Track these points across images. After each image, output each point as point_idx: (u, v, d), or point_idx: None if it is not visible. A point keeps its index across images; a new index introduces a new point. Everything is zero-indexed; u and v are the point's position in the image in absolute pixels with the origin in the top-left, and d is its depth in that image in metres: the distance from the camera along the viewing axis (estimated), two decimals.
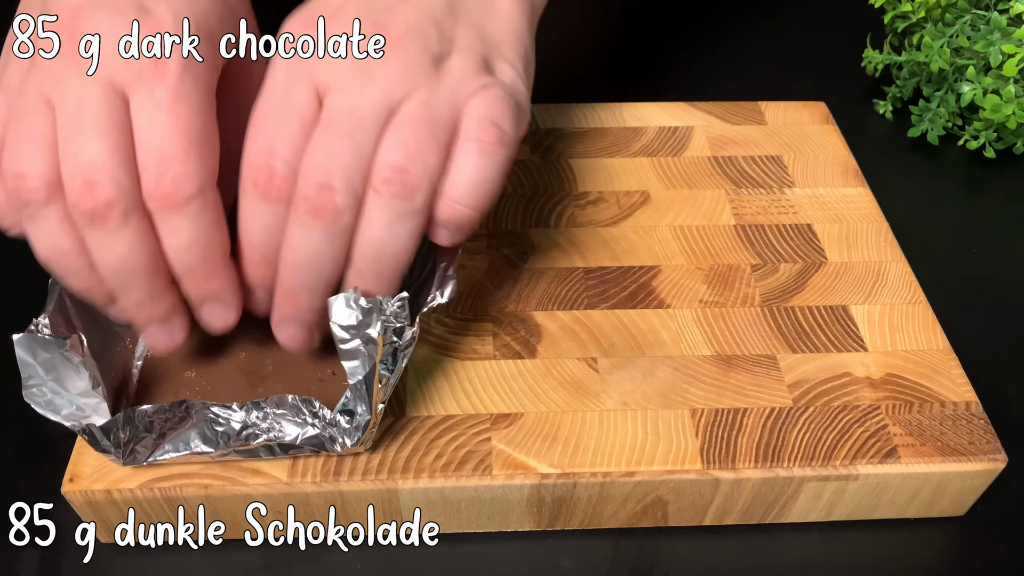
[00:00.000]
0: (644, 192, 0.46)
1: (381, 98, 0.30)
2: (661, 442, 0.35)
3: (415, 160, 0.30)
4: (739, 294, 0.41)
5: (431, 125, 0.30)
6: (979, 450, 0.35)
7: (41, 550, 0.35)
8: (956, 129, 0.54)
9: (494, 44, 0.34)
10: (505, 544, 0.36)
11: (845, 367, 0.38)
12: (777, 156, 0.48)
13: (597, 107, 0.50)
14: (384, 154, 0.30)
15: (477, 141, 0.31)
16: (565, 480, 0.33)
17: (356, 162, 0.30)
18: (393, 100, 0.30)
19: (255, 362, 0.36)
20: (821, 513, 0.36)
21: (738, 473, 0.34)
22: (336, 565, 0.35)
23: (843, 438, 0.35)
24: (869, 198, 0.46)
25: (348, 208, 0.30)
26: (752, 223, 0.44)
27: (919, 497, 0.36)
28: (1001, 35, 0.48)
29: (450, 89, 0.31)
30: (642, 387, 0.37)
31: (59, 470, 0.33)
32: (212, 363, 0.36)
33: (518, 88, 0.33)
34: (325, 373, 0.36)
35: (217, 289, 0.32)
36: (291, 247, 0.31)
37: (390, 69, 0.30)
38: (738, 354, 0.38)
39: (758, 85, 0.57)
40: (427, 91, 0.31)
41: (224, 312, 0.33)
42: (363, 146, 0.30)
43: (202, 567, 0.35)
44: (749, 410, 0.36)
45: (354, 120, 0.30)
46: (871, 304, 0.40)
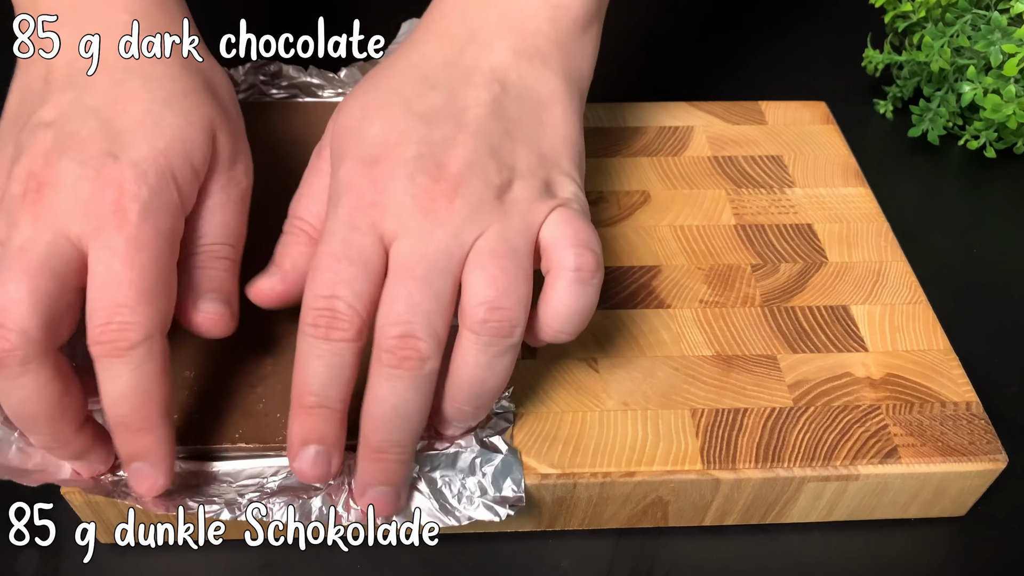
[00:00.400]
0: (644, 192, 0.45)
1: (452, 241, 0.30)
2: (661, 442, 0.35)
3: (507, 294, 0.30)
4: (739, 294, 0.41)
5: (513, 256, 0.30)
6: (979, 450, 0.35)
7: (41, 550, 0.35)
8: (956, 129, 0.54)
9: (551, 160, 0.34)
10: (505, 544, 0.36)
11: (845, 367, 0.38)
12: (777, 156, 0.48)
13: (597, 107, 0.50)
14: (474, 294, 0.30)
15: (576, 271, 0.31)
16: (565, 480, 0.33)
17: (436, 307, 0.29)
18: (464, 242, 0.30)
19: (254, 363, 0.36)
20: (821, 513, 0.36)
21: (738, 473, 0.34)
22: (336, 565, 0.35)
23: (843, 438, 0.35)
24: (869, 198, 0.46)
25: (433, 354, 0.29)
26: (752, 223, 0.44)
27: (919, 497, 0.36)
28: (1002, 35, 0.48)
29: (520, 219, 0.31)
30: (642, 387, 0.37)
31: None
32: (210, 364, 0.36)
33: (580, 199, 0.34)
34: None
35: (147, 447, 0.30)
36: (376, 400, 0.30)
37: (456, 211, 0.30)
38: (738, 354, 0.38)
39: (758, 85, 0.57)
40: (499, 225, 0.31)
41: (151, 475, 0.31)
42: (441, 291, 0.30)
43: (202, 567, 0.35)
44: (749, 410, 0.36)
45: (428, 265, 0.30)
46: (871, 304, 0.40)
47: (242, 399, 0.34)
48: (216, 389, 0.35)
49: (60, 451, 0.31)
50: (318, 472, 0.30)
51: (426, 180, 0.31)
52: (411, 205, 0.30)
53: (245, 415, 0.34)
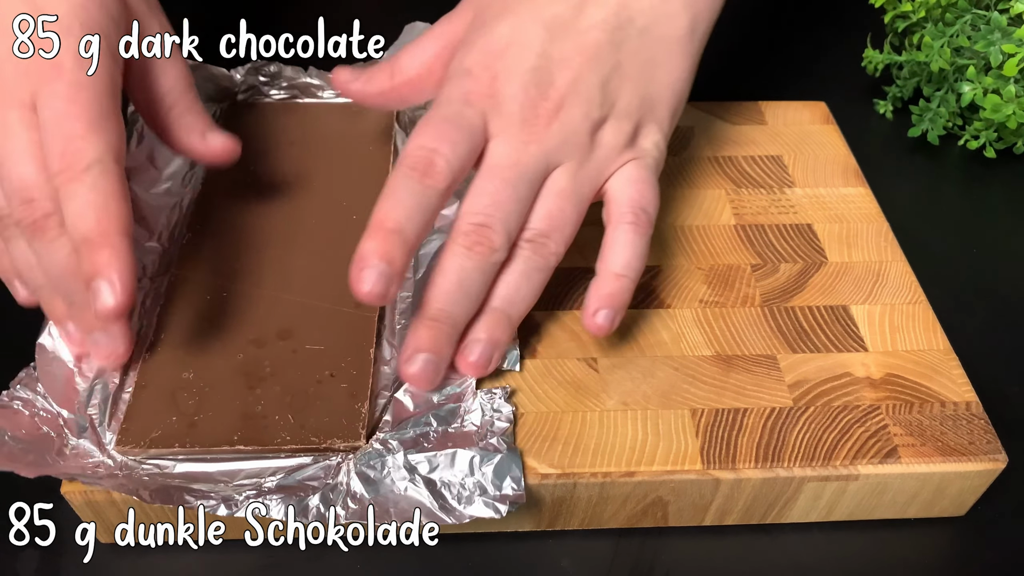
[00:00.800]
0: None
1: (541, 159, 0.35)
2: (661, 442, 0.35)
3: (557, 231, 0.35)
4: (739, 294, 0.41)
5: (575, 200, 0.36)
6: (979, 450, 0.35)
7: (41, 550, 0.35)
8: (956, 129, 0.54)
9: (651, 104, 0.37)
10: (505, 544, 0.36)
11: (845, 367, 0.38)
12: (777, 156, 0.48)
13: None
14: (533, 220, 0.35)
15: (633, 225, 0.36)
16: (565, 480, 0.33)
17: (515, 209, 0.34)
18: (550, 164, 0.35)
19: (253, 363, 0.36)
20: (821, 513, 0.36)
21: (738, 473, 0.34)
22: (336, 565, 0.35)
23: (843, 438, 0.35)
24: (869, 198, 0.46)
25: (502, 247, 0.34)
26: (752, 223, 0.44)
27: (919, 497, 0.36)
28: (1001, 35, 0.48)
29: (596, 165, 0.36)
30: (642, 387, 0.37)
31: None
32: (209, 364, 0.36)
33: (660, 148, 0.38)
34: (323, 375, 0.35)
35: (107, 261, 0.31)
36: (443, 272, 0.34)
37: (552, 134, 0.35)
38: (738, 354, 0.38)
39: (758, 85, 0.57)
40: (577, 164, 0.36)
41: (109, 293, 0.31)
42: (523, 197, 0.35)
43: (202, 567, 0.35)
44: (749, 410, 0.36)
45: (518, 173, 0.34)
46: (871, 304, 0.40)
47: (241, 401, 0.34)
48: (214, 391, 0.35)
49: (85, 317, 0.33)
50: (384, 273, 0.32)
51: (536, 94, 0.35)
52: (518, 113, 0.34)
53: (244, 417, 0.34)
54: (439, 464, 0.33)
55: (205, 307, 0.38)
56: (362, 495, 0.32)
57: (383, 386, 0.36)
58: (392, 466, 0.32)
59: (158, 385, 0.35)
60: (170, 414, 0.34)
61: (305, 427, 0.33)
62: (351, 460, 0.33)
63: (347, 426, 0.34)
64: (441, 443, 0.33)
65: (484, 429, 0.34)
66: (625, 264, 0.36)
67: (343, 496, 0.32)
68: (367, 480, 0.32)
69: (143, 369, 0.36)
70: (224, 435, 0.33)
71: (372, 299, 0.32)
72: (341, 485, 0.32)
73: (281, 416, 0.34)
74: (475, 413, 0.34)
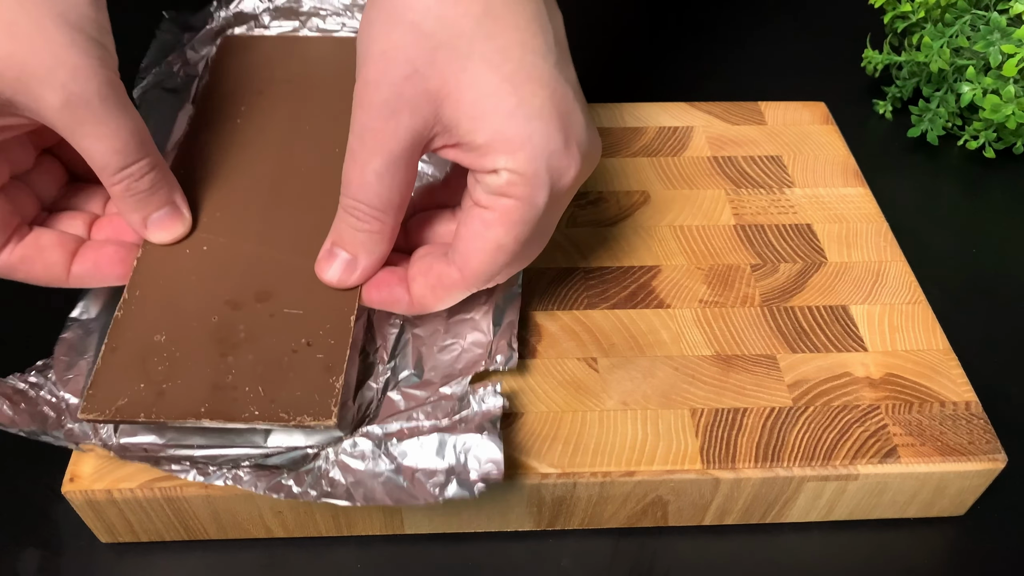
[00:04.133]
0: (644, 192, 0.46)
1: None
2: (661, 442, 0.35)
3: None
4: (739, 294, 0.41)
5: None
6: (979, 450, 0.35)
7: (41, 550, 0.35)
8: (956, 129, 0.54)
9: None
10: (505, 544, 0.36)
11: (845, 367, 0.38)
12: (777, 156, 0.48)
13: (597, 107, 0.50)
14: None
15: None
16: (565, 480, 0.34)
17: None
18: None
19: (228, 327, 0.34)
20: (821, 513, 0.36)
21: (738, 473, 0.34)
22: (336, 564, 0.35)
23: (843, 438, 0.35)
24: (869, 198, 0.46)
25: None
26: (752, 223, 0.44)
27: (919, 497, 0.36)
28: (1001, 35, 0.48)
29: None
30: (642, 387, 0.37)
31: (59, 470, 0.33)
32: (182, 326, 0.34)
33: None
34: (299, 343, 0.33)
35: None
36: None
37: None
38: (738, 354, 0.38)
39: (758, 85, 0.57)
40: None
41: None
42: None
43: (202, 567, 0.35)
44: (749, 410, 0.36)
45: None
46: (871, 304, 0.40)
47: (212, 369, 0.33)
48: (185, 357, 0.33)
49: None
50: None
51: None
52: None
53: (213, 388, 0.32)
54: (416, 448, 0.32)
55: (183, 261, 0.36)
56: (339, 480, 0.32)
57: (373, 380, 0.36)
58: (371, 455, 0.32)
59: (128, 349, 0.33)
60: (138, 381, 0.32)
61: (276, 401, 0.32)
62: (330, 449, 0.33)
63: (319, 402, 0.32)
64: (425, 432, 0.33)
65: (471, 420, 0.33)
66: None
67: (319, 478, 0.32)
68: (345, 468, 0.32)
69: (114, 330, 0.34)
70: (191, 407, 0.32)
71: (335, 286, 0.33)
72: (319, 468, 0.32)
73: (252, 388, 0.32)
74: (464, 407, 0.33)
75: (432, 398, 0.34)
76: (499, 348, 0.36)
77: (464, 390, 0.34)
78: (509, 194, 0.31)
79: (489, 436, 0.32)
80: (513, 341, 0.36)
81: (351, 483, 0.32)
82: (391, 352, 0.36)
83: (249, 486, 0.31)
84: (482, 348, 0.36)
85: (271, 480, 0.31)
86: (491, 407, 0.33)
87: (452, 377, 0.35)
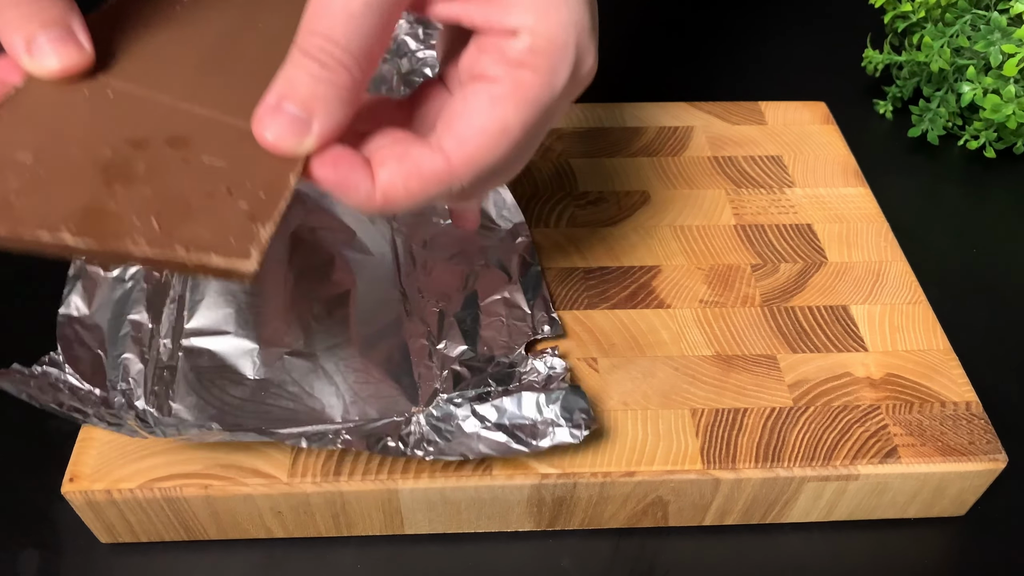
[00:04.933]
0: (644, 192, 0.46)
1: None
2: (661, 442, 0.35)
3: None
4: (739, 294, 0.41)
5: None
6: (979, 450, 0.35)
7: (41, 550, 0.35)
8: (956, 129, 0.54)
9: None
10: (505, 544, 0.36)
11: (845, 367, 0.38)
12: (777, 156, 0.48)
13: (597, 107, 0.50)
14: None
15: None
16: (565, 480, 0.33)
17: None
18: None
19: (122, 162, 0.26)
20: (821, 513, 0.36)
21: (738, 473, 0.34)
22: (336, 564, 0.35)
23: (843, 438, 0.35)
24: (869, 198, 0.46)
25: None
26: (752, 223, 0.44)
27: (919, 497, 0.36)
28: (1001, 35, 0.48)
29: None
30: (642, 387, 0.37)
31: (59, 470, 0.33)
32: (59, 153, 0.26)
33: None
34: (218, 190, 0.26)
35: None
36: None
37: None
38: (738, 354, 0.38)
39: (758, 85, 0.57)
40: None
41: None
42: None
43: (202, 567, 0.35)
44: (749, 410, 0.36)
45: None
46: (871, 304, 0.40)
47: (88, 195, 0.25)
48: (53, 176, 0.25)
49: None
50: None
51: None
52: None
53: (85, 210, 0.24)
54: (507, 409, 0.34)
55: (77, 99, 0.27)
56: (435, 440, 0.33)
57: (431, 360, 0.37)
58: (460, 416, 0.34)
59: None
60: None
61: (172, 235, 0.24)
62: (420, 415, 0.34)
63: (235, 245, 0.24)
64: (509, 392, 0.34)
65: (542, 381, 0.35)
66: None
67: (420, 440, 0.33)
68: (438, 431, 0.33)
69: None
70: (48, 221, 0.24)
71: (278, 151, 0.26)
72: (414, 433, 0.33)
73: (142, 220, 0.25)
74: (530, 372, 0.35)
75: (493, 368, 0.36)
76: (539, 320, 0.38)
77: (520, 357, 0.36)
78: (528, 64, 0.26)
79: (573, 391, 0.34)
80: (552, 311, 0.38)
81: (450, 443, 0.33)
82: (438, 335, 0.38)
83: (359, 447, 0.32)
84: (523, 321, 0.38)
85: (377, 444, 0.33)
86: (559, 367, 0.35)
87: (505, 349, 0.37)
